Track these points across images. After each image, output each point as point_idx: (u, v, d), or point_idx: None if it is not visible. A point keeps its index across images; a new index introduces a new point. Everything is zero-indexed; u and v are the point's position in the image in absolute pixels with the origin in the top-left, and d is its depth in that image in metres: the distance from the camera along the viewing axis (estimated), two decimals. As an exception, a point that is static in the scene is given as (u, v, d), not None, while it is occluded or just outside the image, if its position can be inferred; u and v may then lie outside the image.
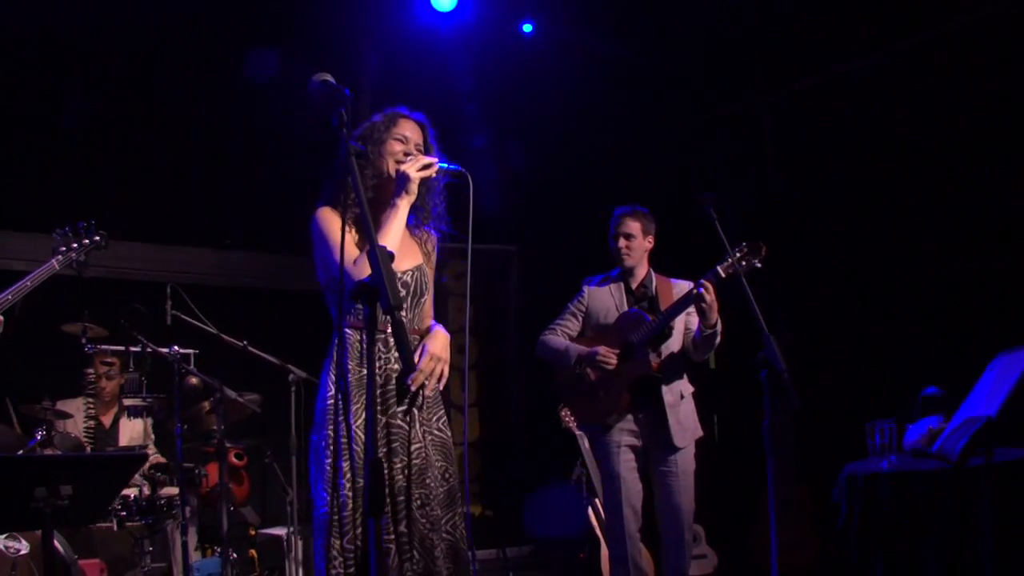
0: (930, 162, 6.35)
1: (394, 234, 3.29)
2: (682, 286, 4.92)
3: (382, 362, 3.29)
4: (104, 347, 5.16)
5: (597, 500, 6.19)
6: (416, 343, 3.39)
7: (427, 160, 3.39)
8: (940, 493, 3.57)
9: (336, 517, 3.19)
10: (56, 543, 4.67)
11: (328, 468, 3.23)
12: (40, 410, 5.02)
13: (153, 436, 5.74)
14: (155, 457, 5.48)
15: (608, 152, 7.88)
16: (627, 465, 4.81)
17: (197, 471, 5.43)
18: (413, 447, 3.32)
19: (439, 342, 3.44)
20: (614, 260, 5.01)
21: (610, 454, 4.83)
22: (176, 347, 5.06)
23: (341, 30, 7.51)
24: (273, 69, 7.20)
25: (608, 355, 4.81)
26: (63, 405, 5.30)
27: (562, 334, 5.08)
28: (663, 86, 7.64)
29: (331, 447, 3.23)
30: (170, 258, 7.01)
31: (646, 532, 4.89)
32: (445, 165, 3.43)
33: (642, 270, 5.03)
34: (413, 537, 3.25)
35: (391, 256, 2.39)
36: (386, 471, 3.21)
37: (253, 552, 5.99)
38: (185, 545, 5.04)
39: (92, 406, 5.28)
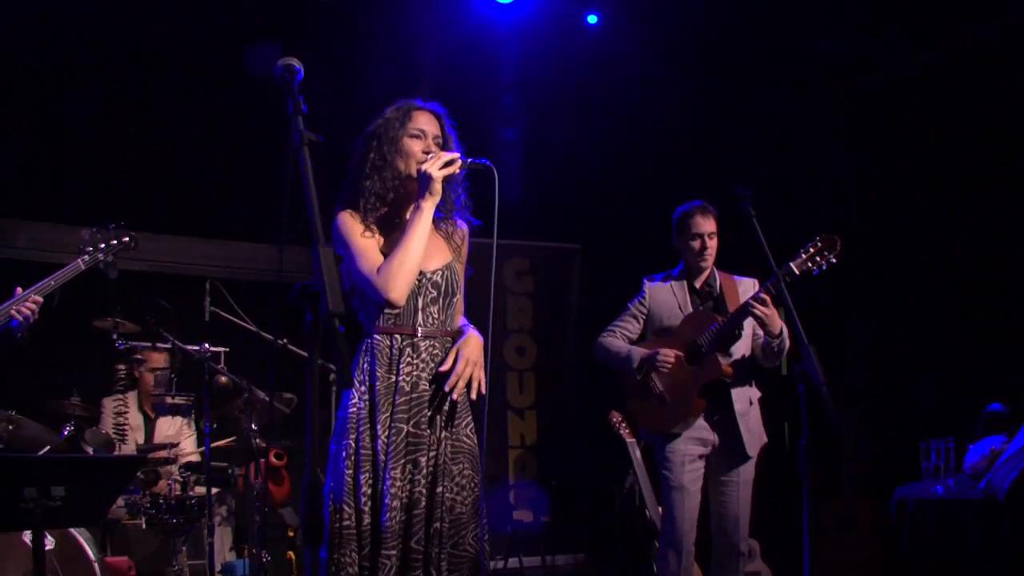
0: (979, 167, 5.93)
1: (419, 238, 3.13)
2: (747, 284, 4.63)
3: (411, 368, 3.14)
4: (135, 344, 5.09)
5: (647, 511, 5.93)
6: (448, 345, 3.22)
7: (449, 156, 3.20)
8: (989, 523, 3.22)
9: (354, 531, 3.05)
10: (81, 540, 4.65)
11: (348, 479, 3.10)
12: (69, 406, 4.98)
13: (193, 433, 5.67)
14: (190, 455, 5.40)
15: (675, 147, 7.59)
16: (692, 476, 4.51)
17: (231, 471, 5.35)
18: (429, 454, 3.15)
19: (472, 346, 3.25)
20: (686, 260, 4.71)
21: (675, 464, 4.53)
22: (206, 345, 4.96)
23: (399, 28, 7.39)
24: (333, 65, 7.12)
25: (668, 356, 4.51)
26: (89, 403, 5.25)
27: (621, 336, 4.78)
28: (734, 77, 7.30)
29: (352, 457, 3.11)
30: (209, 252, 6.97)
31: (697, 544, 4.62)
32: (468, 160, 3.24)
33: (707, 270, 4.72)
34: (431, 547, 3.09)
35: (339, 257, 2.20)
36: (407, 484, 3.08)
37: (291, 554, 5.88)
38: (211, 545, 4.95)
39: (121, 402, 5.24)
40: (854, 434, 5.88)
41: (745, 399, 4.54)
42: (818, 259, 4.32)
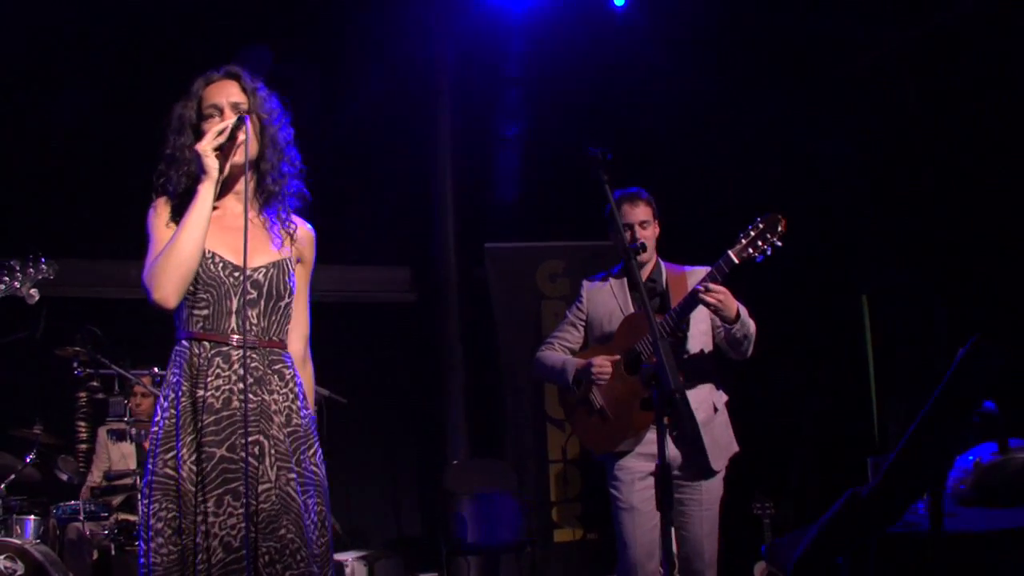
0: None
1: (194, 227, 2.71)
2: (699, 274, 4.01)
3: (222, 381, 2.71)
4: (92, 371, 5.05)
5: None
6: (271, 359, 2.81)
7: (220, 126, 2.77)
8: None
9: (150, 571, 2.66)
10: (42, 560, 4.67)
11: (144, 509, 2.73)
12: (32, 434, 5.00)
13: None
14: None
15: (708, 138, 7.05)
16: (644, 495, 3.97)
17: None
18: (261, 488, 2.69)
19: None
20: (622, 256, 4.15)
21: (624, 483, 4.03)
22: (155, 368, 4.87)
23: (414, 21, 7.20)
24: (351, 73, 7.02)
25: (604, 365, 4.02)
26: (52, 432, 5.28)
27: (560, 348, 4.29)
28: (778, 47, 6.70)
29: (150, 485, 2.71)
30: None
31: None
32: (233, 121, 2.78)
33: (651, 262, 4.19)
34: None
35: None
36: (227, 518, 2.65)
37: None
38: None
39: (84, 430, 5.23)
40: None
41: (707, 405, 4.02)
42: (760, 243, 3.80)
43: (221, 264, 2.78)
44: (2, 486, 4.92)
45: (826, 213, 6.69)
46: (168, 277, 2.68)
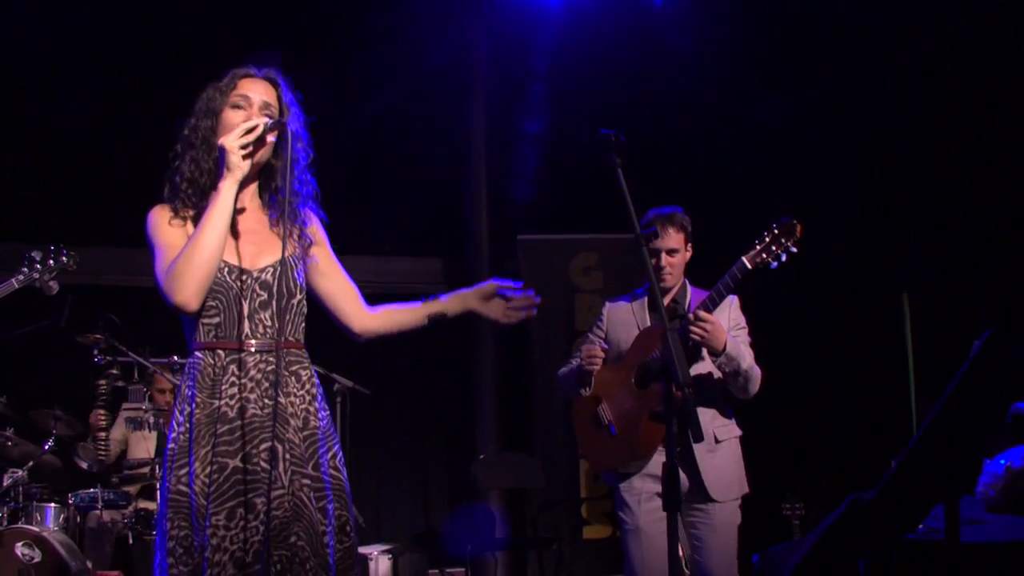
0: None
1: (215, 227, 2.59)
2: (725, 301, 3.83)
3: (236, 389, 2.62)
4: (112, 359, 5.03)
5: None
6: (294, 360, 2.73)
7: (250, 123, 2.64)
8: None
9: None
10: (60, 548, 4.68)
11: (162, 532, 2.62)
12: (51, 422, 5.00)
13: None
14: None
15: (746, 131, 6.88)
16: (652, 516, 3.78)
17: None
18: (275, 494, 2.57)
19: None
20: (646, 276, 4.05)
21: (631, 504, 3.86)
22: (175, 357, 4.83)
23: (448, 15, 7.13)
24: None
25: (593, 353, 3.87)
26: (71, 417, 5.27)
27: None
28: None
29: (168, 503, 2.61)
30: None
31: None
32: (268, 121, 2.67)
33: (675, 286, 4.01)
34: None
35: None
36: (239, 532, 2.55)
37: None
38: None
39: (103, 418, 5.21)
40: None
41: (708, 435, 3.81)
42: (774, 248, 3.66)
43: (227, 269, 2.68)
44: (23, 473, 4.92)
45: (867, 210, 6.50)
46: (191, 277, 2.58)
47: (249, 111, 2.72)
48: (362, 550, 6.00)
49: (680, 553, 3.79)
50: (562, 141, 7.28)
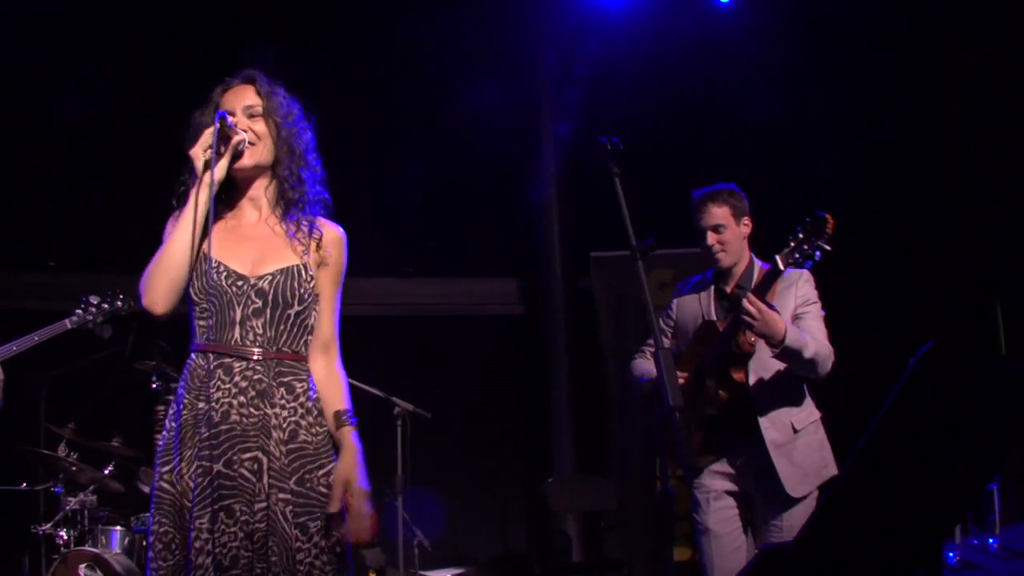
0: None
1: (183, 234, 2.67)
2: (793, 276, 3.72)
3: (222, 394, 2.62)
4: (168, 385, 5.12)
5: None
6: (286, 371, 2.71)
7: (210, 129, 2.69)
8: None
9: None
10: (120, 570, 4.79)
11: (152, 534, 2.67)
12: (111, 448, 5.17)
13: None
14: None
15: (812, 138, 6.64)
16: (720, 516, 3.72)
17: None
18: (258, 507, 2.59)
19: (355, 488, 2.70)
20: (705, 259, 3.88)
21: (700, 503, 3.77)
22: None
23: (517, 28, 7.09)
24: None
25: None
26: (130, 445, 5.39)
27: (650, 356, 3.95)
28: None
29: (151, 501, 2.68)
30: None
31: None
32: (222, 123, 2.68)
33: (741, 266, 3.82)
34: None
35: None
36: (220, 536, 2.56)
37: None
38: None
39: (163, 443, 5.30)
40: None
41: (784, 426, 3.66)
42: (806, 248, 3.44)
43: (225, 273, 2.70)
44: (92, 497, 5.06)
45: (961, 215, 6.21)
46: (158, 281, 2.66)
47: (235, 119, 2.76)
48: (432, 574, 5.96)
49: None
50: (634, 155, 7.15)
